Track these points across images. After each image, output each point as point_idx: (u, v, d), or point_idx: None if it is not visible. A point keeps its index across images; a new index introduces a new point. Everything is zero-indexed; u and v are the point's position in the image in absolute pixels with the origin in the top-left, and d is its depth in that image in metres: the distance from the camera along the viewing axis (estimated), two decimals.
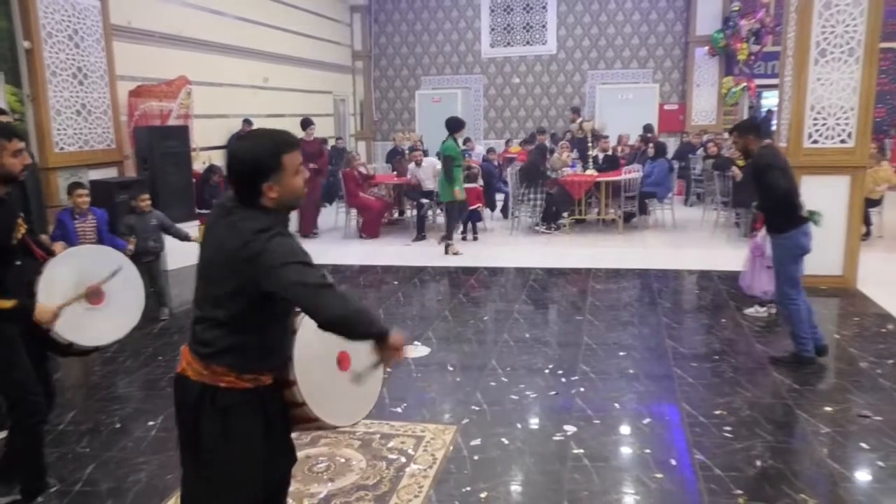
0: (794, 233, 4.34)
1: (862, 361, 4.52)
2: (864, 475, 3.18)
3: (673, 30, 14.40)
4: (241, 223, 1.89)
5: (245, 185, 1.93)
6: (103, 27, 7.44)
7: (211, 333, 1.94)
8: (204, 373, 1.95)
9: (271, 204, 1.93)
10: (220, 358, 1.93)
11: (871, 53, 5.95)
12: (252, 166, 1.90)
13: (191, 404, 1.98)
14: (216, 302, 1.93)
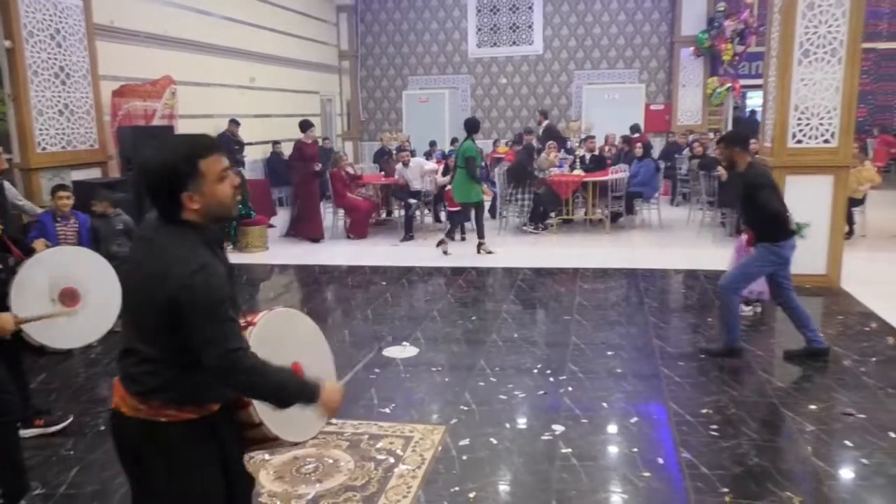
0: (784, 244, 4.39)
1: (846, 360, 4.56)
2: (848, 473, 3.21)
3: (658, 30, 14.48)
4: (164, 249, 1.72)
5: (163, 197, 1.74)
6: (86, 26, 7.37)
7: (141, 369, 1.76)
8: (140, 408, 1.77)
9: (196, 217, 1.75)
10: (155, 395, 1.76)
11: (854, 54, 6.02)
12: (166, 175, 1.72)
13: (131, 442, 1.81)
14: (144, 336, 1.76)
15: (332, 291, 6.96)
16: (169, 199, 1.74)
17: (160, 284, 1.68)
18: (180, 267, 1.68)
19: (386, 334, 5.26)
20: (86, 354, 4.97)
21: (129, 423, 1.79)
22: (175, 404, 1.77)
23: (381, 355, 4.80)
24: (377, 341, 5.10)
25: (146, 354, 1.75)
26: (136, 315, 1.80)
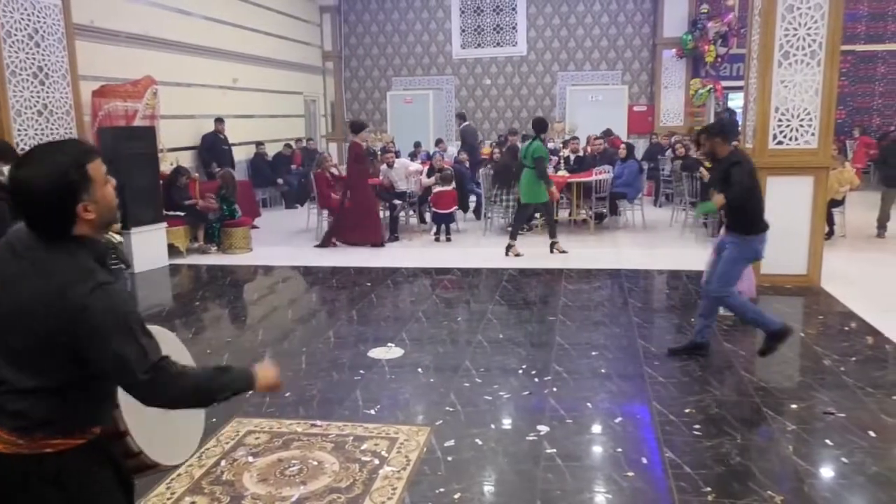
0: (755, 237, 4.44)
1: (826, 359, 4.61)
2: (829, 472, 3.24)
3: (641, 32, 14.58)
4: (51, 263, 1.55)
5: (53, 214, 1.56)
6: (65, 26, 7.28)
7: (20, 404, 1.55)
8: (20, 442, 1.55)
9: (89, 228, 1.60)
10: (39, 430, 1.56)
11: (833, 56, 6.09)
12: (56, 188, 1.54)
13: (12, 482, 1.58)
14: (21, 365, 1.55)
15: (316, 292, 6.93)
16: (60, 215, 1.56)
17: (50, 309, 1.52)
18: (77, 288, 1.52)
19: (371, 335, 5.25)
20: None
21: (7, 462, 1.56)
22: (60, 435, 1.58)
23: (366, 356, 4.79)
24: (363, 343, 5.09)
25: (25, 386, 1.54)
26: (10, 344, 1.56)
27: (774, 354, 4.47)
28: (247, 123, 11.53)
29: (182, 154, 9.72)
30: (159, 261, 7.78)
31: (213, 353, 5.00)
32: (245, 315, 6.28)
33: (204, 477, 3.22)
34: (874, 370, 4.43)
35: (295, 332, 5.53)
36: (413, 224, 10.00)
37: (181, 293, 6.98)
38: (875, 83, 14.48)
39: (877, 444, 3.44)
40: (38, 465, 1.57)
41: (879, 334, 5.09)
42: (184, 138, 10.01)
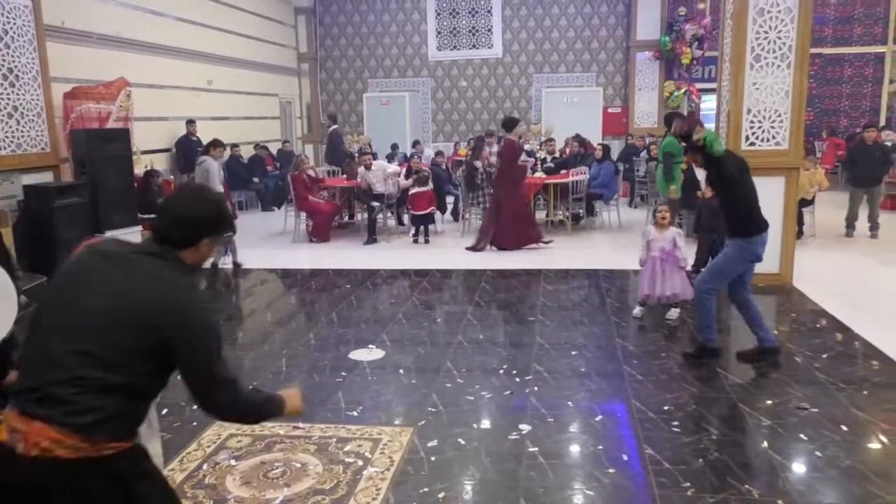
0: (755, 239, 4.39)
1: (799, 356, 4.71)
2: (804, 465, 3.31)
3: (615, 35, 14.74)
4: (163, 271, 1.78)
5: (189, 232, 1.86)
6: (35, 27, 7.18)
7: (93, 399, 1.64)
8: (82, 446, 1.63)
9: (192, 259, 1.89)
10: (103, 426, 1.65)
11: (802, 58, 6.22)
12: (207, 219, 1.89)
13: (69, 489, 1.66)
14: (110, 362, 1.67)
15: (295, 295, 6.91)
16: (193, 236, 1.87)
17: (159, 314, 1.72)
18: (184, 299, 1.78)
19: (352, 337, 5.25)
20: None
21: (74, 468, 1.64)
22: (115, 438, 1.69)
23: (348, 358, 4.79)
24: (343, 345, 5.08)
25: (107, 383, 1.66)
26: (106, 341, 1.69)
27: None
28: (221, 125, 11.42)
29: (156, 156, 9.61)
30: None
31: None
32: (223, 318, 6.23)
33: (186, 481, 3.20)
34: (845, 366, 4.54)
35: (275, 334, 5.50)
36: (391, 226, 9.99)
37: None
38: (842, 85, 14.79)
39: (849, 437, 3.53)
40: (102, 467, 1.66)
41: (849, 331, 5.21)
42: (158, 140, 9.90)
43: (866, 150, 8.97)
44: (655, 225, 5.52)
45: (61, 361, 1.67)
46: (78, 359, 1.67)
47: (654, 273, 5.37)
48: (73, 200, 7.09)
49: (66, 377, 1.65)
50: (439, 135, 15.49)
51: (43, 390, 1.65)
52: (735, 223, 4.46)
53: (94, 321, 1.70)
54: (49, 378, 1.66)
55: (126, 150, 7.76)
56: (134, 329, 1.70)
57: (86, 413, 1.63)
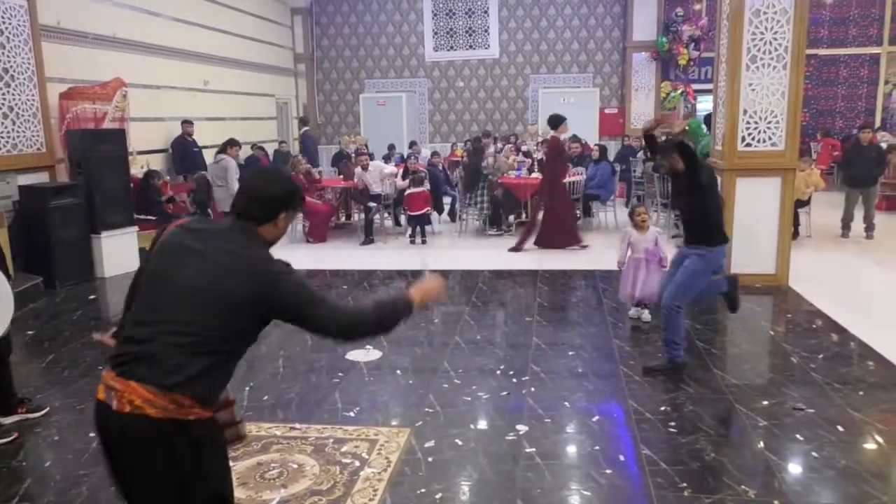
0: (718, 249, 4.39)
1: (795, 356, 4.72)
2: (800, 466, 3.32)
3: (611, 35, 14.76)
4: (248, 249, 1.97)
5: (268, 208, 2.05)
6: (31, 27, 7.17)
7: (182, 361, 1.82)
8: (170, 407, 1.80)
9: (269, 234, 2.06)
10: (189, 386, 1.82)
11: (798, 60, 6.23)
12: (284, 194, 2.08)
13: (155, 446, 1.82)
14: (198, 328, 1.85)
15: None
16: (271, 212, 2.05)
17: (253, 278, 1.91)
18: (265, 269, 1.94)
19: None
20: (36, 364, 4.84)
21: (159, 427, 1.81)
22: (199, 403, 1.85)
23: (345, 359, 4.79)
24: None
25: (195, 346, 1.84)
26: (197, 306, 1.87)
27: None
28: (217, 126, 11.40)
29: (152, 157, 9.59)
30: (130, 265, 7.65)
31: None
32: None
33: None
34: (841, 366, 4.55)
35: (271, 335, 5.49)
36: (388, 227, 9.99)
37: None
38: (838, 86, 14.83)
39: (845, 438, 3.54)
40: (183, 429, 1.82)
41: (845, 331, 5.22)
42: (154, 141, 9.88)
43: (862, 151, 9.00)
44: (635, 227, 5.43)
45: (155, 327, 1.85)
46: (169, 325, 1.85)
47: (637, 274, 5.33)
48: (68, 201, 7.07)
49: (159, 341, 1.84)
50: (436, 136, 15.49)
51: (138, 353, 1.84)
52: (701, 232, 4.40)
53: (184, 291, 1.88)
54: (143, 342, 1.85)
55: (122, 151, 7.74)
56: (220, 299, 1.88)
57: (174, 374, 1.80)
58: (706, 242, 4.37)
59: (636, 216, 5.46)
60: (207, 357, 1.86)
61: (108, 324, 5.85)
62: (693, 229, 4.49)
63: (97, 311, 6.27)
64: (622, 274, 5.51)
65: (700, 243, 4.39)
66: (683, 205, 4.55)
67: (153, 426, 1.80)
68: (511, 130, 14.49)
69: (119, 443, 1.86)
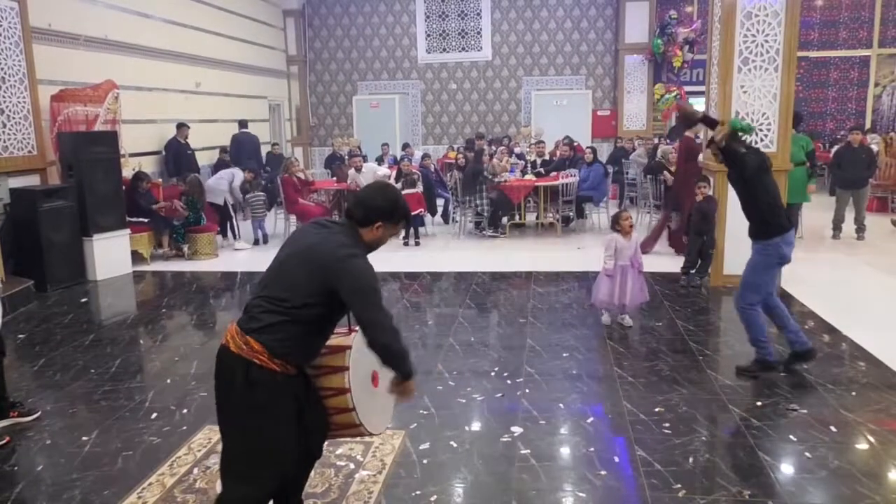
0: (777, 241, 4.23)
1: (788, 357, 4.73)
2: (793, 466, 3.33)
3: (603, 38, 14.80)
4: (336, 236, 2.37)
5: (365, 213, 2.42)
6: (22, 29, 7.13)
7: (265, 312, 2.28)
8: (243, 347, 2.26)
9: (368, 238, 2.44)
10: (261, 334, 2.26)
11: (790, 62, 6.27)
12: (384, 207, 2.43)
13: (227, 374, 2.29)
14: (289, 288, 2.29)
15: None
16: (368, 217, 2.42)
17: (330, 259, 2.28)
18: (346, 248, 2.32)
19: None
20: (29, 367, 4.80)
21: (231, 358, 2.27)
22: (268, 352, 2.25)
23: None
24: None
25: (279, 303, 2.28)
26: (290, 272, 2.33)
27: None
28: (210, 128, 11.37)
29: (144, 159, 9.55)
30: (122, 268, 7.64)
31: (181, 360, 4.93)
32: (213, 321, 6.20)
33: (176, 485, 3.18)
34: (833, 367, 4.57)
35: None
36: None
37: (146, 300, 6.86)
38: (828, 88, 14.92)
39: (838, 438, 3.56)
40: (246, 368, 2.25)
41: (836, 332, 5.26)
42: (146, 143, 9.84)
43: (852, 153, 9.06)
44: (621, 233, 5.33)
45: (261, 289, 2.37)
46: (269, 287, 2.35)
47: (624, 280, 5.26)
48: (60, 203, 7.04)
49: (259, 295, 2.35)
50: (429, 137, 15.49)
51: (247, 305, 2.38)
52: (756, 224, 4.30)
53: (284, 263, 2.37)
54: (252, 297, 2.39)
55: (114, 153, 7.70)
56: (307, 269, 2.30)
57: (255, 320, 2.30)
58: (763, 235, 4.26)
59: (622, 221, 5.34)
60: (282, 317, 2.27)
61: (101, 327, 5.84)
62: (750, 222, 4.36)
63: (89, 315, 6.24)
64: (602, 281, 5.36)
65: (757, 237, 4.30)
66: (740, 199, 4.41)
67: (229, 356, 2.29)
68: (504, 132, 14.51)
69: (216, 368, 2.35)
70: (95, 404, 4.17)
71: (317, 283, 2.27)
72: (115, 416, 3.99)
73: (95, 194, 7.38)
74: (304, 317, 2.29)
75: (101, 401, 4.21)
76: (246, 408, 2.28)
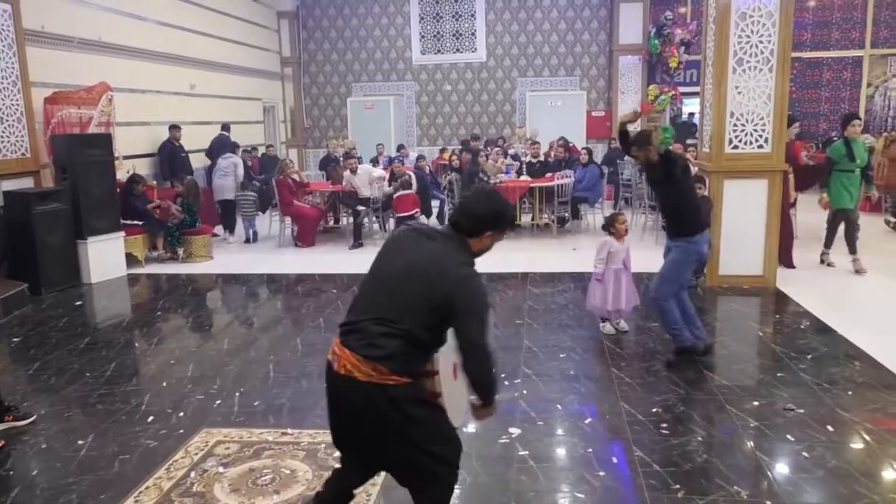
0: (697, 238, 4.52)
1: (784, 357, 4.75)
2: (791, 466, 3.34)
3: (597, 39, 14.82)
4: (452, 253, 2.32)
5: (474, 224, 2.39)
6: (15, 31, 7.10)
7: (384, 336, 2.21)
8: (372, 374, 2.20)
9: (476, 248, 2.41)
10: (387, 361, 2.20)
11: (784, 63, 6.29)
12: (492, 216, 2.40)
13: (362, 403, 2.24)
14: (407, 310, 2.22)
15: (281, 300, 6.86)
16: (477, 228, 2.40)
17: (444, 276, 2.24)
18: (466, 270, 2.30)
19: None
20: (23, 371, 4.78)
21: (362, 387, 2.21)
22: (395, 373, 2.21)
23: None
24: None
25: (400, 328, 2.21)
26: (408, 292, 2.24)
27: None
28: (204, 130, 11.33)
29: (139, 161, 9.52)
30: (117, 270, 7.61)
31: (176, 362, 4.91)
32: (209, 324, 6.18)
33: (173, 489, 3.17)
34: (829, 367, 4.59)
35: (261, 340, 5.46)
36: (376, 230, 9.97)
37: (141, 303, 6.82)
38: (821, 89, 14.99)
39: (835, 438, 3.57)
40: (383, 390, 2.21)
41: (832, 332, 5.27)
42: (140, 145, 9.81)
43: None
44: (615, 236, 5.25)
45: (369, 307, 2.29)
46: (379, 306, 2.26)
47: (618, 285, 5.20)
48: (54, 206, 7.01)
49: (371, 317, 2.25)
50: (424, 139, 15.49)
51: (355, 325, 2.28)
52: (679, 223, 4.55)
53: (394, 279, 2.29)
54: (360, 317, 2.28)
55: (108, 156, 7.68)
56: (423, 290, 2.23)
57: (377, 348, 2.21)
58: (685, 233, 4.51)
59: (618, 224, 5.24)
60: (401, 339, 2.21)
61: (96, 330, 5.81)
62: (671, 221, 4.65)
63: (83, 318, 6.21)
64: (594, 286, 5.29)
65: (679, 235, 4.55)
66: (659, 197, 4.67)
67: (358, 386, 2.22)
68: (499, 134, 14.51)
69: (338, 397, 2.31)
70: (91, 408, 4.15)
71: (436, 305, 2.22)
72: (111, 419, 3.97)
73: (89, 197, 7.34)
74: (424, 338, 2.26)
75: (96, 404, 4.19)
76: (407, 425, 2.26)
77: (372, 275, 2.38)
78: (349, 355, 2.23)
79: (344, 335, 2.29)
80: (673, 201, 4.57)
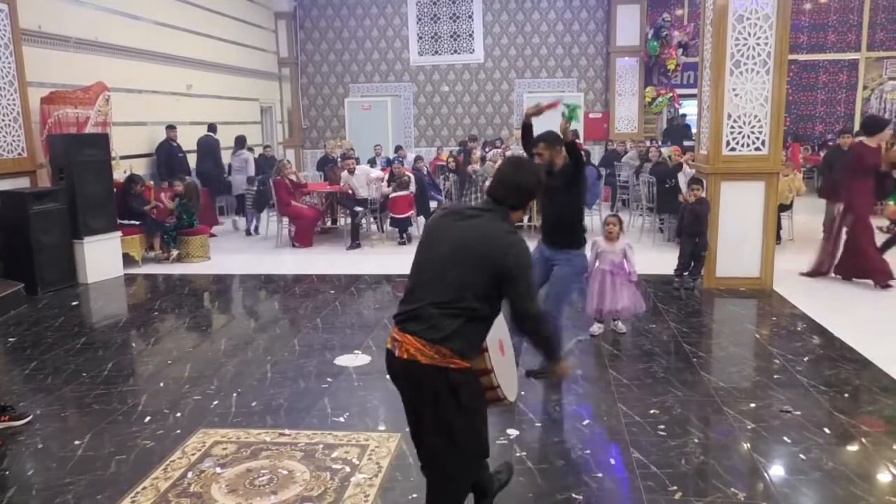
0: (584, 249, 4.44)
1: (780, 359, 4.76)
2: (788, 468, 3.34)
3: (595, 40, 14.85)
4: (496, 223, 2.38)
5: (520, 196, 2.47)
6: (11, 31, 7.09)
7: (444, 317, 2.26)
8: (436, 357, 2.26)
9: (517, 217, 2.50)
10: (449, 341, 2.25)
11: (781, 65, 6.30)
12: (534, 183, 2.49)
13: (425, 386, 2.31)
14: (461, 288, 2.28)
15: (278, 301, 6.85)
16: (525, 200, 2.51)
17: (493, 248, 2.30)
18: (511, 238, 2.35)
19: (337, 343, 5.22)
20: (19, 370, 4.76)
21: (425, 370, 2.27)
22: (458, 356, 2.27)
23: (333, 364, 4.76)
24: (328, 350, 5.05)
25: (456, 306, 2.27)
26: (459, 273, 2.29)
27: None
28: (201, 130, 11.31)
29: (136, 161, 9.50)
30: (113, 270, 7.59)
31: (173, 363, 4.90)
32: (206, 324, 6.17)
33: (171, 490, 3.16)
34: (826, 369, 4.59)
35: (258, 340, 5.46)
36: (373, 231, 9.96)
37: (138, 303, 6.80)
38: (817, 91, 15.05)
39: (831, 440, 3.58)
40: (445, 375, 2.28)
41: (829, 334, 5.28)
42: (137, 145, 9.79)
43: (842, 156, 9.09)
44: (605, 237, 5.29)
45: (424, 293, 2.33)
46: (435, 290, 2.31)
47: (603, 286, 5.18)
48: (50, 206, 6.99)
49: (429, 302, 2.30)
50: (421, 140, 15.50)
51: (412, 312, 2.32)
52: (570, 233, 4.37)
53: (443, 262, 2.33)
54: (418, 303, 2.32)
55: (105, 156, 7.66)
56: (475, 262, 2.29)
57: (439, 329, 2.26)
58: (575, 245, 4.38)
59: (606, 226, 5.30)
60: (460, 318, 2.27)
61: (92, 330, 5.79)
62: (562, 231, 4.39)
63: (80, 318, 6.19)
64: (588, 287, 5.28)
65: (568, 246, 4.37)
66: (553, 207, 4.35)
67: (420, 367, 2.27)
68: (496, 135, 14.52)
69: (401, 382, 2.39)
70: (88, 408, 4.14)
71: (490, 275, 2.28)
72: (108, 419, 3.96)
73: (86, 197, 7.32)
74: (482, 312, 2.31)
75: (93, 404, 4.18)
76: (454, 411, 2.31)
77: (419, 264, 2.42)
78: (412, 340, 2.28)
79: (402, 323, 2.34)
80: (572, 210, 4.36)
